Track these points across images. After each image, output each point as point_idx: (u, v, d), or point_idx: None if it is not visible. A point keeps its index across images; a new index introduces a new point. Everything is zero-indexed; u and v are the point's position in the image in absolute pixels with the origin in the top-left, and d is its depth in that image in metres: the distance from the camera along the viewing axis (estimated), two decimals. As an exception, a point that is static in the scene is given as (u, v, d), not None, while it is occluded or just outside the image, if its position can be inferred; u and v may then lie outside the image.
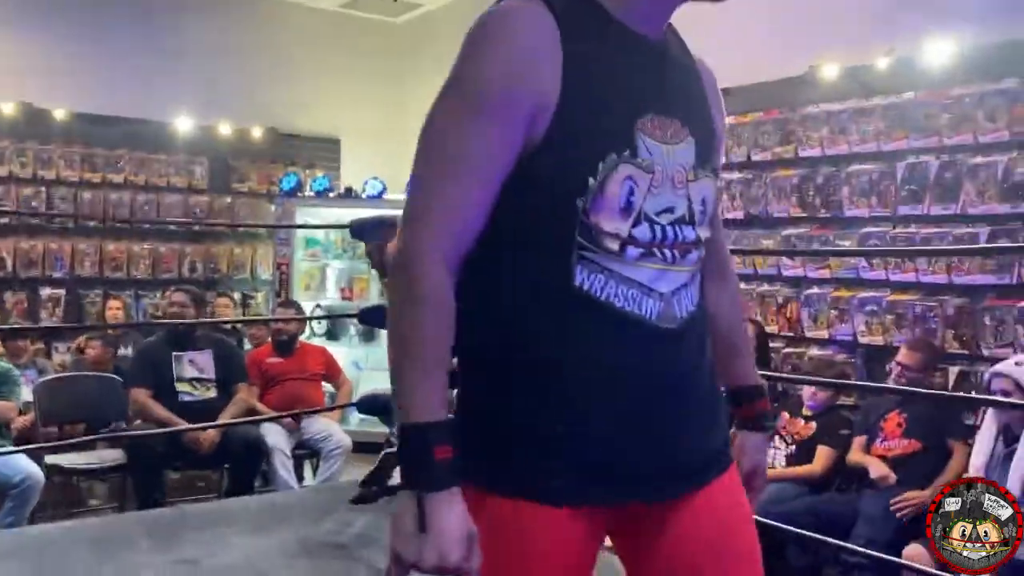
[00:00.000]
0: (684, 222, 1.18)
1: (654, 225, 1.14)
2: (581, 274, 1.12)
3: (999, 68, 3.76)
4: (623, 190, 1.11)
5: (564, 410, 1.13)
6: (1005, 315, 3.70)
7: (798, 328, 4.53)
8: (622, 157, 1.11)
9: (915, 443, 3.62)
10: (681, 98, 1.20)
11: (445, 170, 1.10)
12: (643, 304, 1.15)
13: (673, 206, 1.16)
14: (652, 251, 1.14)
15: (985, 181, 3.78)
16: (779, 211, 4.64)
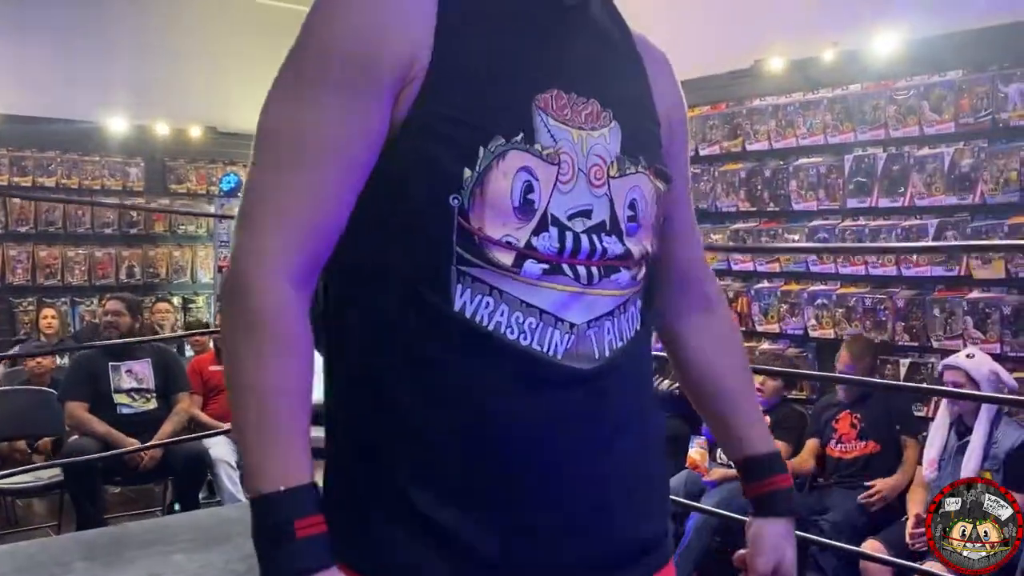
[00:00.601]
0: (605, 231, 0.88)
1: (564, 232, 0.85)
2: (462, 296, 0.83)
3: (944, 60, 3.78)
4: (516, 185, 0.83)
5: (437, 483, 0.84)
6: (954, 307, 3.72)
7: (749, 322, 4.52)
8: (512, 142, 0.83)
9: (872, 444, 3.62)
10: (603, 75, 0.92)
11: (280, 161, 0.83)
12: (546, 337, 0.85)
13: (590, 208, 0.87)
14: (561, 267, 0.85)
15: (932, 173, 3.80)
16: (727, 205, 4.62)
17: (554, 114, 0.86)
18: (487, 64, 0.85)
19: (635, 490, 0.91)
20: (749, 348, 4.52)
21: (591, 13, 0.95)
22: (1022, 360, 3.53)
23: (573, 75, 0.89)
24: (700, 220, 4.79)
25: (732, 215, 4.62)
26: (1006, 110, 3.57)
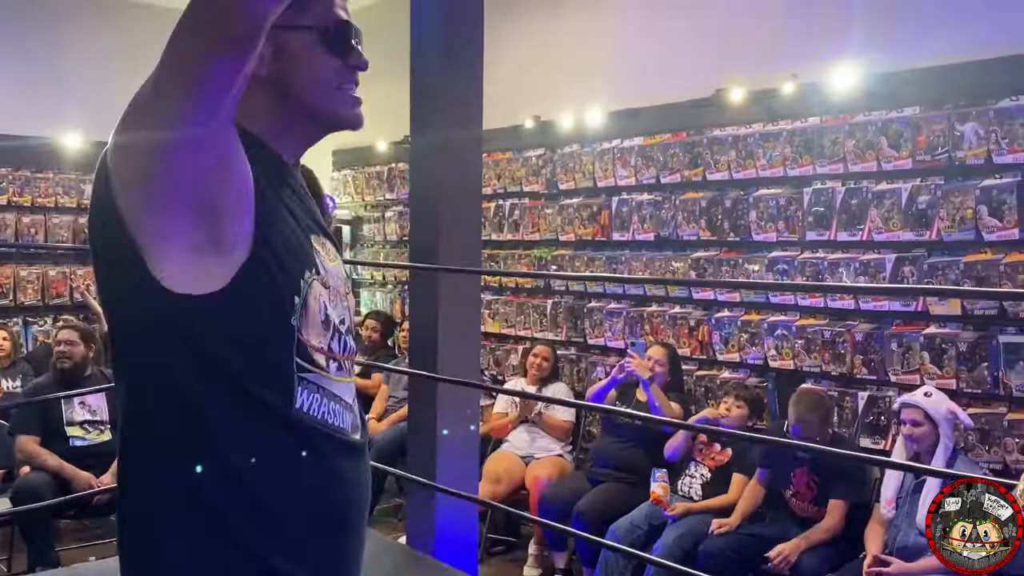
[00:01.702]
0: (350, 332, 1.18)
1: (338, 336, 1.13)
2: (301, 396, 1.07)
3: (901, 96, 3.81)
4: (318, 305, 1.10)
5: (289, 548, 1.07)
6: (911, 341, 3.76)
7: (710, 351, 4.54)
8: (312, 275, 1.10)
9: (822, 511, 3.61)
10: (319, 219, 1.20)
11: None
12: (343, 417, 1.12)
13: (344, 317, 1.15)
14: (342, 364, 1.13)
15: (890, 208, 3.83)
16: (689, 233, 4.63)
17: (319, 253, 1.13)
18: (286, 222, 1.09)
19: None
20: (710, 376, 4.55)
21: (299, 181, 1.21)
22: (976, 396, 3.57)
23: (316, 223, 1.17)
24: (661, 248, 4.83)
25: (693, 243, 4.63)
26: (962, 148, 3.62)
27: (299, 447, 1.06)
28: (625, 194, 4.98)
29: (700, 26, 4.55)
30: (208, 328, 1.01)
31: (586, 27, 5.19)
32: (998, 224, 3.51)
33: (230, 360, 1.02)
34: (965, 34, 3.60)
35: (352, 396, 1.17)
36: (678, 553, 3.72)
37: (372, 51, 1.33)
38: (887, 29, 3.84)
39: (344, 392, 1.13)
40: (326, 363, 1.09)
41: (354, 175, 7.12)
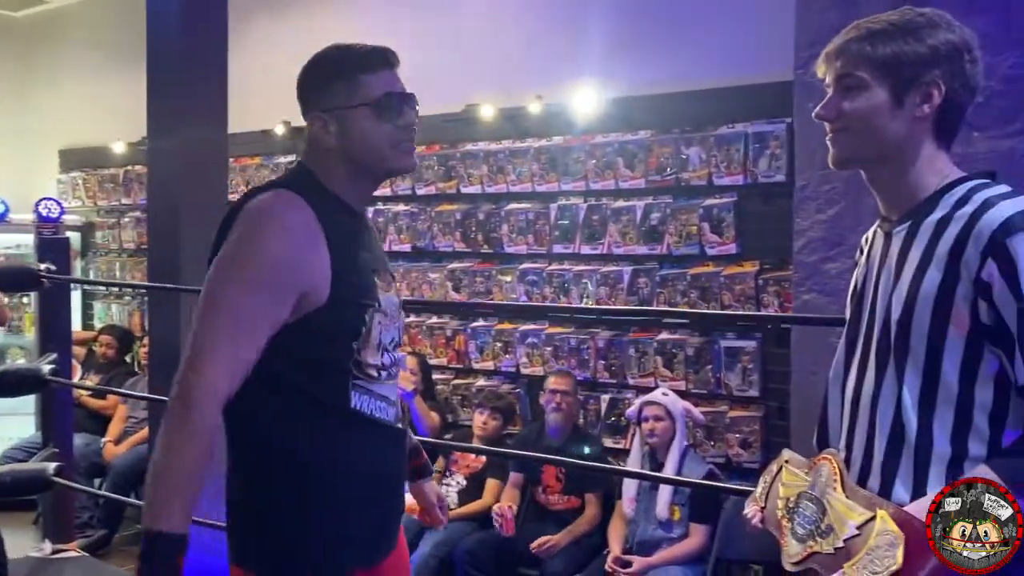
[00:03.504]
0: (398, 347, 1.62)
1: (387, 353, 1.56)
2: (355, 397, 1.50)
3: (636, 120, 4.10)
4: (376, 331, 1.52)
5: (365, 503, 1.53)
6: (646, 347, 4.06)
7: (466, 360, 4.65)
8: (375, 308, 1.52)
9: (574, 500, 3.84)
10: (381, 255, 1.65)
11: (229, 333, 1.40)
12: (387, 412, 1.56)
13: (394, 337, 1.59)
14: (391, 371, 1.58)
15: (626, 224, 4.12)
16: (444, 245, 4.72)
17: (380, 287, 1.55)
18: (358, 267, 1.51)
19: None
20: (466, 384, 4.66)
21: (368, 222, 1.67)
22: (703, 395, 3.93)
23: (379, 261, 1.61)
24: (418, 259, 4.86)
25: (449, 255, 4.72)
26: (687, 170, 3.96)
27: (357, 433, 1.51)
28: (381, 204, 4.98)
29: (450, 41, 4.64)
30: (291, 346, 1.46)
31: (339, 33, 5.09)
32: (718, 240, 3.88)
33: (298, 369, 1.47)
34: (689, 65, 3.94)
35: (395, 395, 1.60)
36: (434, 562, 3.78)
37: (105, 43, 1.25)
38: (622, 57, 4.12)
39: (389, 393, 1.56)
40: (377, 374, 1.52)
41: (85, 177, 6.56)
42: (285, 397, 1.47)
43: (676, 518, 3.46)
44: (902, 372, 1.26)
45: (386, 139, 1.50)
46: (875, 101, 1.30)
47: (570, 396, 3.96)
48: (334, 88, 1.51)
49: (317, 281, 1.43)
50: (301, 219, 1.44)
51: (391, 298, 1.57)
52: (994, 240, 1.19)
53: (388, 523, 1.60)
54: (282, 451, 1.48)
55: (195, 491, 1.37)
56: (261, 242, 1.41)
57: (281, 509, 1.48)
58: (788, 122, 3.60)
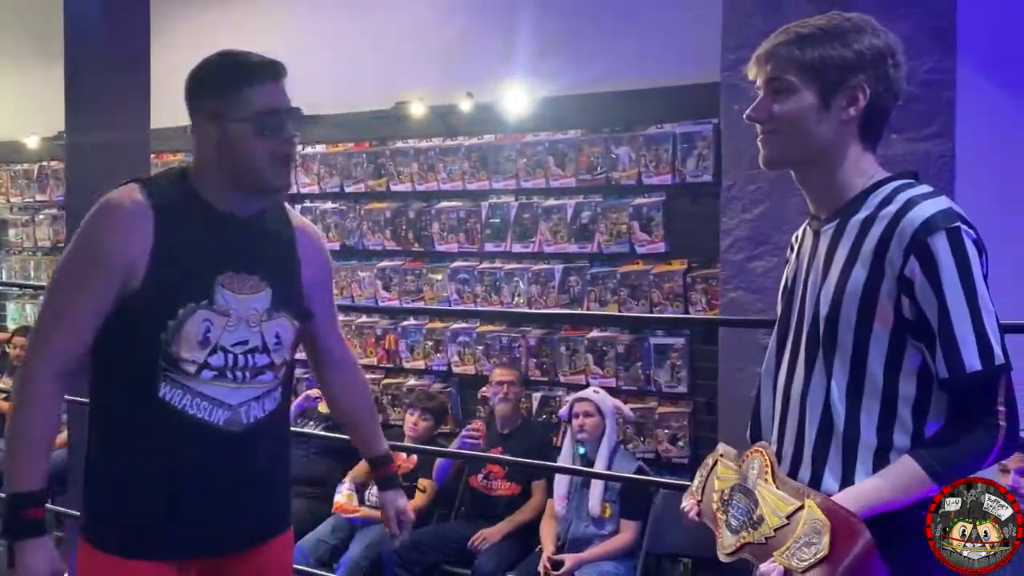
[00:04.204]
0: (257, 351, 1.58)
1: (227, 354, 1.55)
2: (164, 388, 1.52)
3: (566, 119, 4.13)
4: (197, 328, 1.52)
5: (156, 492, 1.55)
6: (577, 345, 4.09)
7: (397, 359, 4.62)
8: (200, 305, 1.52)
9: (515, 487, 3.84)
10: (264, 259, 1.61)
11: (53, 317, 1.53)
12: (212, 413, 1.55)
13: (247, 340, 1.57)
14: (225, 373, 1.55)
15: (557, 223, 4.14)
16: (374, 243, 4.67)
17: (228, 287, 1.55)
18: (182, 260, 1.52)
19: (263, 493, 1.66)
20: (396, 384, 4.62)
21: (263, 222, 1.63)
22: (633, 392, 3.98)
23: (242, 262, 1.58)
24: (347, 257, 4.81)
25: (379, 253, 4.68)
26: (617, 169, 4.00)
27: (161, 424, 1.53)
28: (309, 202, 4.91)
29: (379, 37, 4.59)
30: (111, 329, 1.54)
31: (265, 26, 5.01)
32: (648, 238, 3.93)
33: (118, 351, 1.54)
34: (618, 66, 3.98)
35: (241, 400, 1.57)
36: (365, 564, 3.74)
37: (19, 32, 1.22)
38: (552, 56, 4.13)
39: (223, 395, 1.55)
40: (196, 371, 1.52)
41: (-3, 173, 6.31)
42: (105, 378, 1.57)
43: (607, 515, 3.49)
44: (830, 366, 1.30)
45: (263, 156, 1.52)
46: (803, 104, 1.33)
47: (516, 386, 3.98)
48: (218, 97, 1.53)
49: (136, 269, 1.49)
50: (130, 209, 1.51)
51: (250, 301, 1.56)
52: (916, 239, 1.24)
53: (204, 522, 1.58)
54: (99, 429, 1.59)
55: (41, 452, 1.52)
56: (87, 231, 1.52)
57: (94, 484, 1.59)
58: (715, 123, 3.67)
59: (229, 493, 1.59)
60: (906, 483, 1.22)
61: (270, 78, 1.56)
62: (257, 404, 1.59)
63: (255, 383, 1.58)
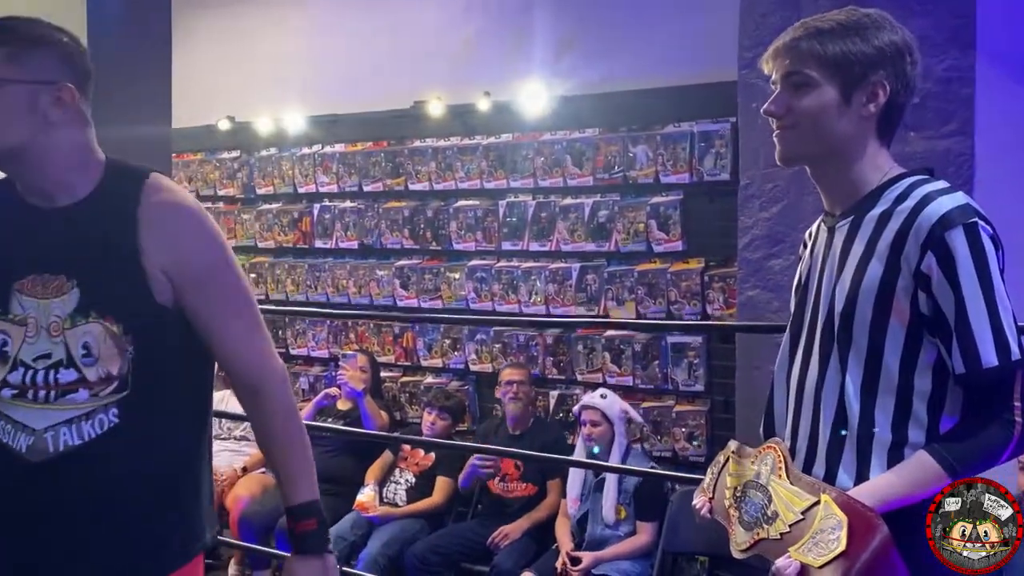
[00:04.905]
0: (63, 366, 1.32)
1: (28, 370, 1.32)
2: None
3: (583, 118, 4.13)
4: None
5: None
6: (594, 343, 4.09)
7: (415, 357, 4.63)
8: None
9: (531, 487, 3.86)
10: (76, 254, 1.35)
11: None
12: (16, 438, 1.32)
13: (50, 352, 1.33)
14: (26, 393, 1.32)
15: (575, 221, 4.14)
16: (392, 242, 4.69)
17: (28, 292, 1.34)
18: None
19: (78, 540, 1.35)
20: (414, 382, 4.64)
21: (79, 212, 1.37)
22: (650, 391, 3.97)
23: (46, 262, 1.34)
24: (366, 256, 4.83)
25: (397, 252, 4.70)
26: (635, 168, 4.00)
27: None
28: (327, 201, 4.94)
29: (397, 38, 4.61)
30: None
31: (284, 28, 5.06)
32: (665, 237, 3.93)
33: None
34: (636, 64, 3.98)
35: (48, 423, 1.31)
36: (383, 561, 3.77)
37: None
38: (570, 55, 4.14)
39: (27, 418, 1.31)
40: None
41: None
42: None
43: (622, 517, 3.49)
44: (845, 362, 1.30)
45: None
46: (824, 99, 1.33)
47: (526, 386, 3.98)
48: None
49: None
50: None
51: (51, 306, 1.34)
52: (933, 234, 1.23)
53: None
54: None
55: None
56: None
57: None
58: (732, 121, 3.66)
59: (26, 535, 1.34)
60: (922, 478, 1.22)
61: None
62: (69, 429, 1.32)
63: (63, 404, 1.32)
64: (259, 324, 1.47)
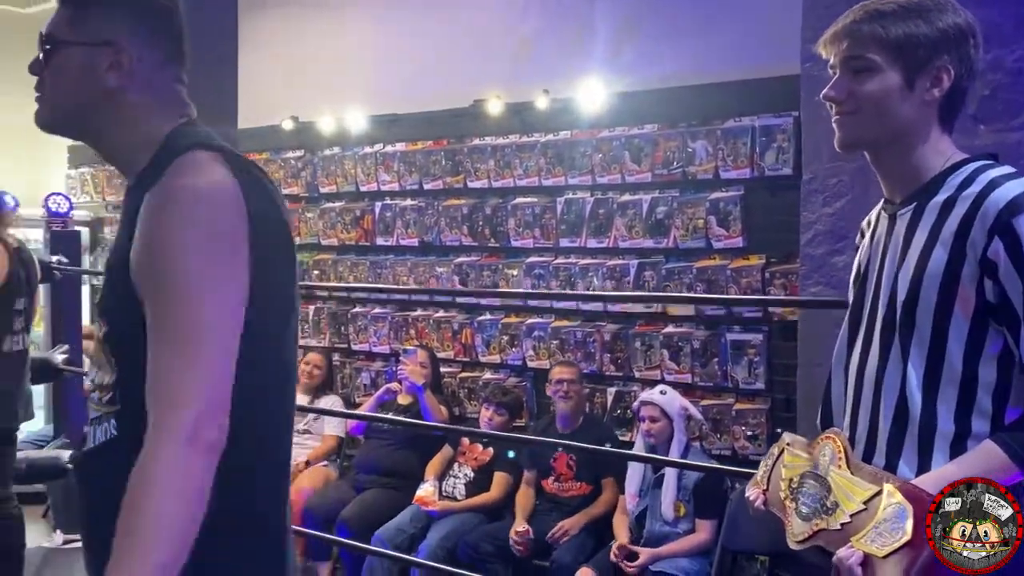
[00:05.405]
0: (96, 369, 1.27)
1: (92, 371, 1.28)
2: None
3: (642, 114, 4.11)
4: None
5: None
6: (652, 340, 4.07)
7: (473, 353, 4.67)
8: None
9: (585, 486, 3.86)
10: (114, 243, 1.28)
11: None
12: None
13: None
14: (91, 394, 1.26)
15: (632, 218, 4.13)
16: (451, 239, 4.74)
17: None
18: None
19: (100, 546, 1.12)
20: (473, 378, 4.67)
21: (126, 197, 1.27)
22: (709, 388, 3.94)
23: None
24: (425, 253, 4.88)
25: (456, 249, 4.74)
26: (694, 164, 3.97)
27: None
28: (388, 199, 5.00)
29: (458, 37, 4.66)
30: None
31: (346, 29, 5.15)
32: (725, 233, 3.89)
33: None
34: (695, 59, 3.95)
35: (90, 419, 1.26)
36: (441, 553, 3.80)
37: None
38: (628, 51, 4.13)
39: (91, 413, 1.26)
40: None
41: (93, 173, 6.60)
42: None
43: (681, 514, 3.47)
44: (907, 351, 1.28)
45: None
46: (887, 84, 1.30)
47: (576, 384, 3.97)
48: None
49: None
50: None
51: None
52: (1000, 219, 1.21)
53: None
54: None
55: None
56: None
57: None
58: (795, 115, 3.60)
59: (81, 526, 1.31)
60: (988, 468, 1.19)
61: None
62: (93, 428, 1.24)
63: (97, 404, 1.23)
64: (193, 358, 1.09)
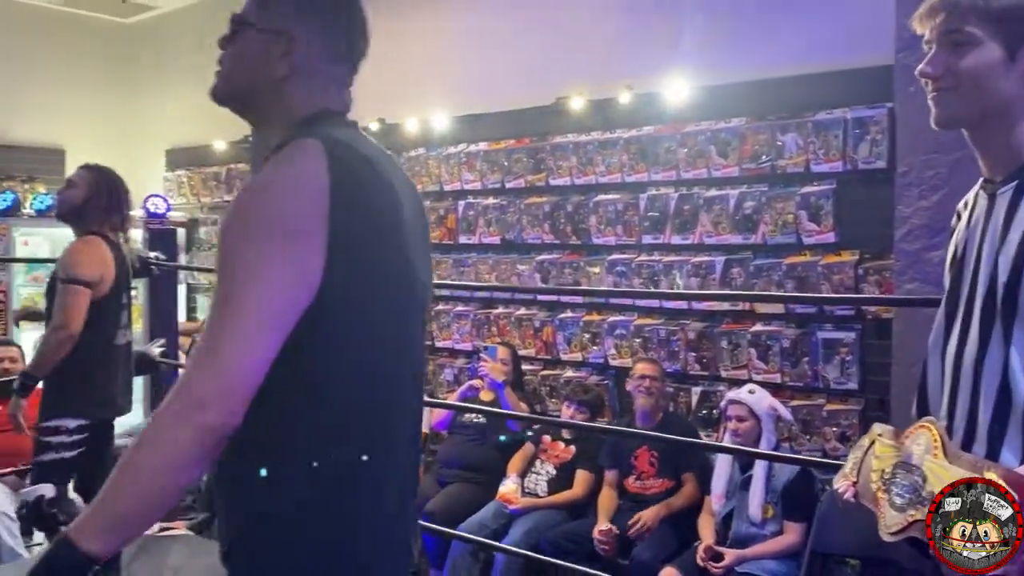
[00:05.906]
0: None
1: None
2: None
3: (728, 107, 4.03)
4: None
5: None
6: (739, 339, 3.98)
7: (554, 351, 4.65)
8: None
9: (667, 482, 3.80)
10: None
11: None
12: None
13: None
14: None
15: (719, 213, 4.05)
16: (533, 237, 4.73)
17: None
18: None
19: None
20: (554, 376, 4.65)
21: None
22: (799, 389, 3.83)
23: None
24: (507, 251, 4.89)
25: (537, 247, 4.73)
26: (783, 157, 3.87)
27: None
28: (471, 198, 5.03)
29: (541, 36, 4.65)
30: None
31: (431, 31, 5.20)
32: (816, 228, 3.78)
33: None
34: (784, 50, 3.85)
35: None
36: (524, 547, 3.79)
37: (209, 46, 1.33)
38: (714, 44, 4.06)
39: None
40: None
41: (190, 176, 6.83)
42: None
43: (769, 515, 3.38)
44: (1009, 335, 1.21)
45: None
46: (988, 58, 1.25)
47: (658, 381, 3.92)
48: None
49: None
50: None
51: None
52: None
53: None
54: None
55: None
56: None
57: None
58: (889, 107, 3.48)
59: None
60: None
61: None
62: None
63: None
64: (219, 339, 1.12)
